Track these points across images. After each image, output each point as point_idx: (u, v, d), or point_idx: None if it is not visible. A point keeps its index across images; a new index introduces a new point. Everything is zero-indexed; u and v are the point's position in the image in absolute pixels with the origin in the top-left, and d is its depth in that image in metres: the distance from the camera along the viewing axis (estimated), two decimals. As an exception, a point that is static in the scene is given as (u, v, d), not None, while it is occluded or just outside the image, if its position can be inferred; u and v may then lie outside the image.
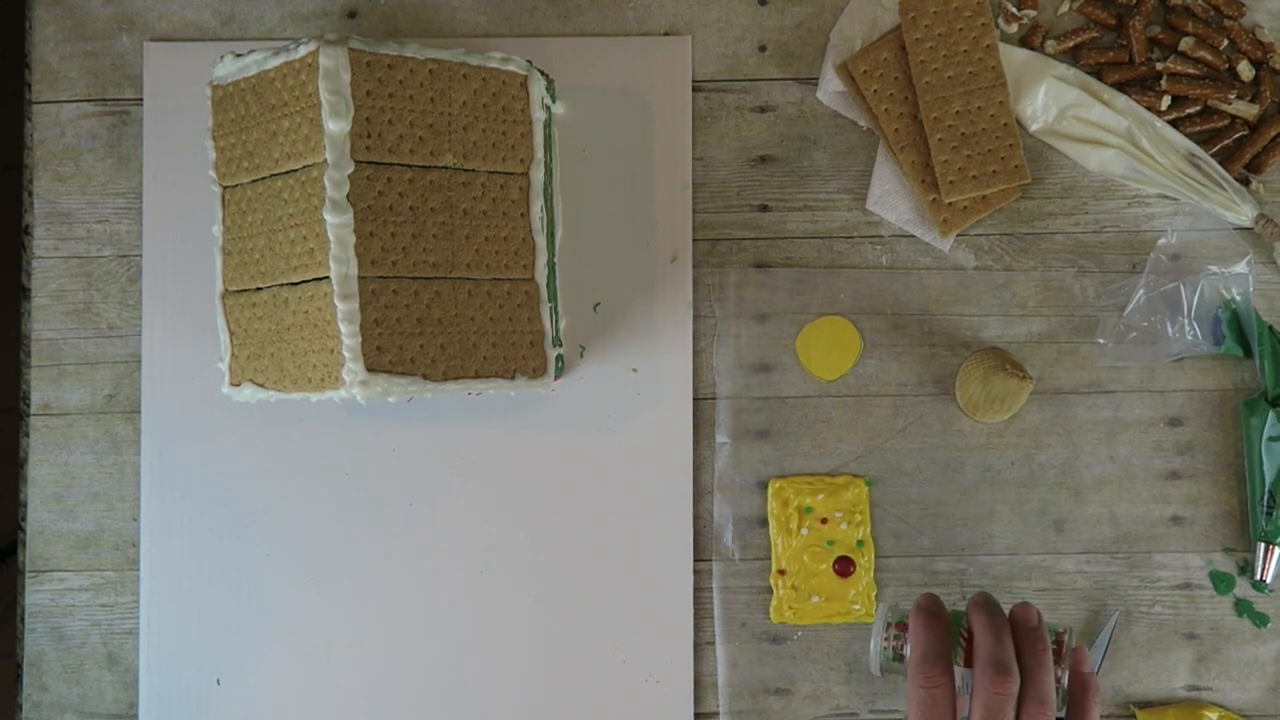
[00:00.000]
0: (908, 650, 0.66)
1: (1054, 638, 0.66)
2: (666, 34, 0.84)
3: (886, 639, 0.67)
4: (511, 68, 0.77)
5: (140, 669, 0.82)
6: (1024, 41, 0.83)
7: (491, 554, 0.82)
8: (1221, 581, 0.82)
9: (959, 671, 0.64)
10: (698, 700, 0.82)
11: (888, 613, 0.68)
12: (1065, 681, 0.65)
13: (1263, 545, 0.81)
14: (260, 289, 0.76)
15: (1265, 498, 0.80)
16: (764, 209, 0.84)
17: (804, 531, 0.82)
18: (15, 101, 0.88)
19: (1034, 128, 0.83)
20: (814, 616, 0.82)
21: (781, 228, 0.84)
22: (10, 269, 0.87)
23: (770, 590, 0.82)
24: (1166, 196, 0.83)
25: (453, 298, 0.75)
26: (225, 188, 0.77)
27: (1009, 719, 0.62)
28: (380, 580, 0.82)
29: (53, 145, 0.84)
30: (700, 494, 0.83)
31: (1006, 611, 0.67)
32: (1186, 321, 0.80)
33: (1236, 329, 0.81)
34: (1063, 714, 0.66)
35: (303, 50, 0.71)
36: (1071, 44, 0.83)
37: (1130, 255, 0.83)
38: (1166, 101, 0.82)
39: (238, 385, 0.78)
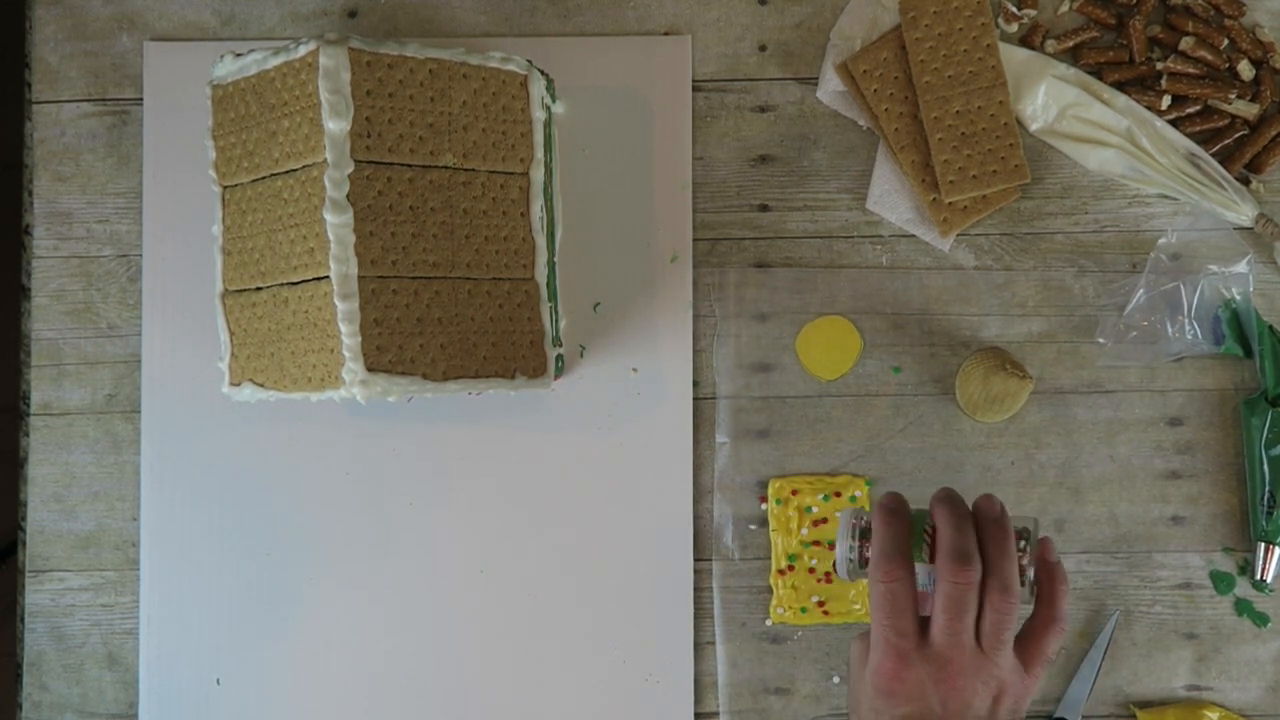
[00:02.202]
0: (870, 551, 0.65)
1: (1020, 531, 0.65)
2: (666, 34, 0.84)
3: (852, 543, 0.66)
4: (511, 67, 0.77)
5: (140, 669, 0.82)
6: (1024, 41, 0.83)
7: (491, 553, 0.82)
8: (1221, 581, 0.82)
9: (923, 568, 0.63)
10: (698, 700, 0.82)
11: (851, 518, 0.67)
12: (1032, 574, 0.64)
13: (1263, 545, 0.81)
14: (260, 289, 0.76)
15: (1265, 497, 0.80)
16: (764, 209, 0.84)
17: (804, 531, 0.82)
18: (15, 101, 0.88)
19: (1034, 127, 0.83)
20: (814, 616, 0.82)
21: (781, 228, 0.84)
22: (10, 269, 0.87)
23: (770, 590, 0.82)
24: (1166, 196, 0.83)
25: (453, 297, 0.75)
26: (225, 187, 0.77)
27: (972, 608, 0.61)
28: (380, 580, 0.82)
29: (53, 145, 0.84)
30: (700, 494, 0.83)
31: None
32: (1186, 321, 0.80)
33: (1236, 328, 0.81)
34: (1031, 605, 0.65)
35: (303, 50, 0.71)
36: (1071, 43, 0.83)
37: (1130, 255, 0.83)
38: (1166, 101, 0.82)
39: (238, 385, 0.78)
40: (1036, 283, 0.83)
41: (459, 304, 0.75)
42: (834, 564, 0.68)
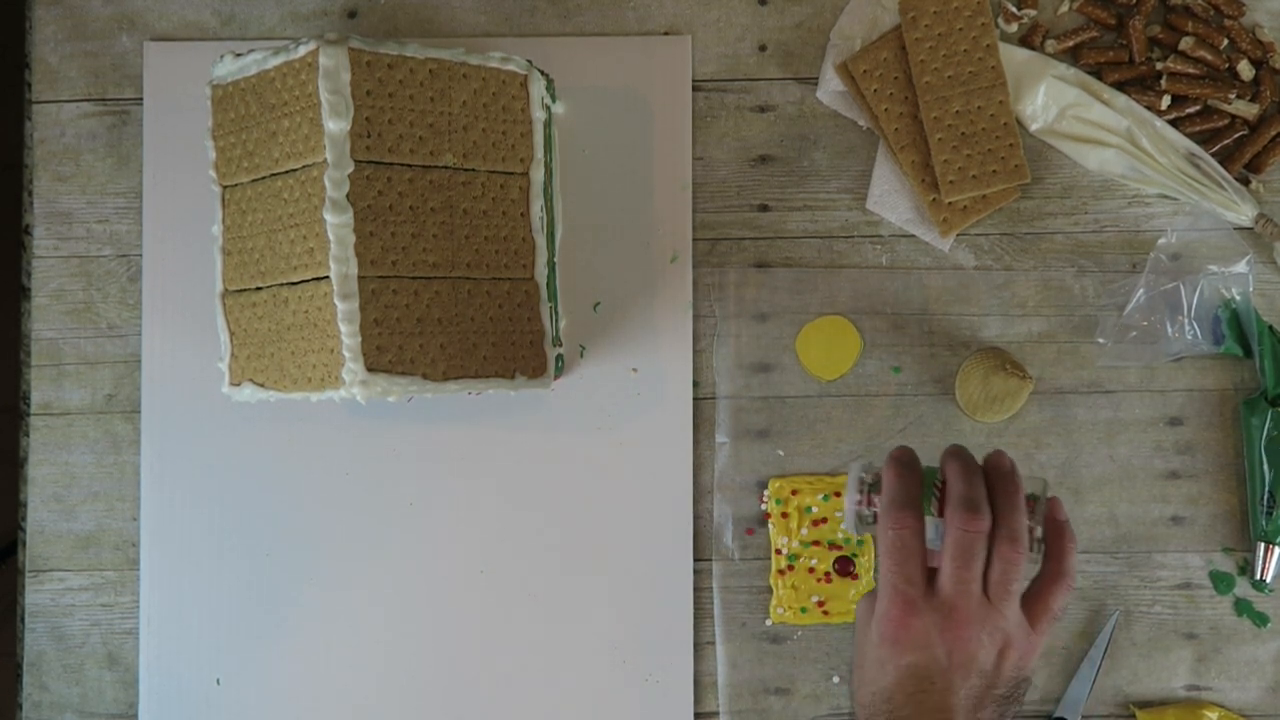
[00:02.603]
0: (880, 503, 0.66)
1: (1031, 490, 0.65)
2: (666, 34, 0.84)
3: (860, 496, 0.67)
4: (511, 67, 0.77)
5: (140, 669, 0.82)
6: (1024, 41, 0.83)
7: (491, 554, 0.82)
8: (1221, 581, 0.82)
9: (931, 522, 0.64)
10: (698, 700, 0.82)
11: (860, 470, 0.67)
12: (1040, 532, 0.65)
13: (1263, 545, 0.81)
14: (260, 289, 0.76)
15: (1265, 497, 0.80)
16: (764, 209, 0.84)
17: (804, 531, 0.82)
18: (15, 101, 0.88)
19: (1034, 127, 0.83)
20: (814, 616, 0.82)
21: (781, 228, 0.84)
22: (10, 269, 0.87)
23: (770, 590, 0.82)
24: (1166, 196, 0.83)
25: (453, 297, 0.75)
26: (225, 187, 0.77)
27: (980, 557, 0.62)
28: (380, 580, 0.82)
29: (53, 145, 0.84)
30: (700, 494, 0.83)
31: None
32: (1186, 321, 0.80)
33: (1236, 329, 0.81)
34: (1038, 562, 0.65)
35: (302, 50, 0.71)
36: (1071, 44, 0.83)
37: (1130, 255, 0.83)
38: (1166, 101, 0.82)
39: (238, 385, 0.78)
40: (1036, 283, 0.83)
41: (459, 304, 0.75)
42: (843, 517, 0.68)
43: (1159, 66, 0.82)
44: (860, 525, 0.67)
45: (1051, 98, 0.82)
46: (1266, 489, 0.80)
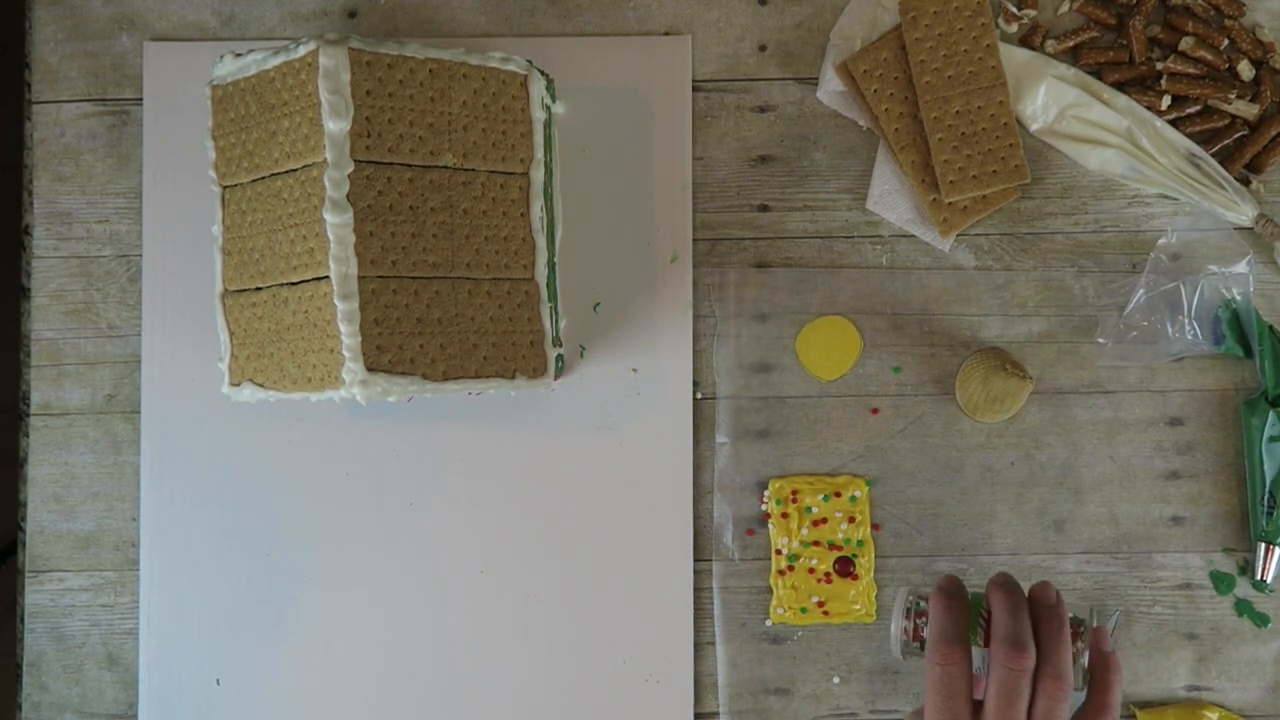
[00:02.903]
0: (927, 633, 0.66)
1: (1075, 618, 0.66)
2: (666, 34, 0.84)
3: (907, 622, 0.67)
4: (511, 67, 0.77)
5: (140, 669, 0.82)
6: (1024, 41, 0.83)
7: (491, 554, 0.82)
8: (1221, 581, 0.82)
9: (978, 652, 0.64)
10: (698, 700, 0.82)
11: (908, 596, 0.68)
12: (1085, 660, 0.65)
13: (1263, 545, 0.81)
14: (260, 289, 0.76)
15: (1265, 498, 0.80)
16: (764, 209, 0.84)
17: (804, 531, 0.82)
18: (15, 101, 0.88)
19: (1034, 127, 0.83)
20: (814, 616, 0.82)
21: (781, 228, 0.84)
22: (10, 269, 0.87)
23: (770, 590, 0.82)
24: (1166, 196, 0.83)
25: (453, 297, 0.75)
26: (225, 187, 0.77)
27: (1025, 694, 0.62)
28: (380, 580, 0.82)
29: (53, 145, 0.84)
30: (700, 494, 0.83)
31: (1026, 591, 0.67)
32: (1186, 321, 0.80)
33: (1236, 329, 0.81)
34: (1084, 693, 0.66)
35: (302, 50, 0.71)
36: (1071, 44, 0.83)
37: (1130, 255, 0.83)
38: (1166, 101, 0.82)
39: (238, 385, 0.78)
40: (1036, 283, 0.83)
41: (459, 304, 0.75)
42: (890, 641, 0.70)
43: (1159, 66, 0.82)
44: (904, 650, 0.67)
45: (1051, 98, 0.82)
46: (1267, 489, 0.80)
